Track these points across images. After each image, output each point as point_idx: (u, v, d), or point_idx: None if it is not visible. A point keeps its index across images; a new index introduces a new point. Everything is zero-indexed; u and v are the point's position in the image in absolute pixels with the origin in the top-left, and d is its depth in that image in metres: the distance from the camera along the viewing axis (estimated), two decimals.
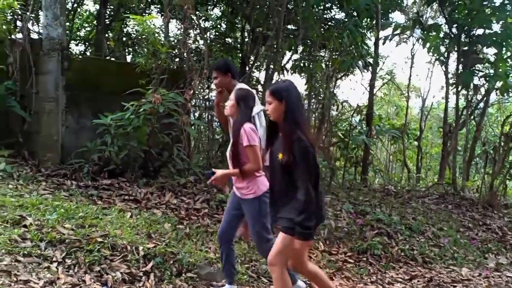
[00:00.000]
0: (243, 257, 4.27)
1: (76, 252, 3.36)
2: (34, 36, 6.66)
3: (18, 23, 6.21)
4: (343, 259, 5.02)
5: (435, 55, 10.85)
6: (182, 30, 6.59)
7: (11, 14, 5.82)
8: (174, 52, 7.39)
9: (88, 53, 12.30)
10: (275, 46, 7.94)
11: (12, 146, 5.49)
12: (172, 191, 5.37)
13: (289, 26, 8.93)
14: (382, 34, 9.82)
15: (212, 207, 5.22)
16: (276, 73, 8.58)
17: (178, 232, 4.25)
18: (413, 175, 11.78)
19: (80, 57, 6.97)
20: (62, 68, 5.56)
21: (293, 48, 9.18)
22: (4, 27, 5.46)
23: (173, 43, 8.67)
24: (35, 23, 7.88)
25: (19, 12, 5.85)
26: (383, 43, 9.75)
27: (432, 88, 50.86)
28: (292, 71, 9.54)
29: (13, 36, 5.65)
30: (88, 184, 5.08)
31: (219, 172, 3.31)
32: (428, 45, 9.96)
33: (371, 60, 9.51)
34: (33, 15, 7.20)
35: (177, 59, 7.63)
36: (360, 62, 8.96)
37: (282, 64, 9.14)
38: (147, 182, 5.46)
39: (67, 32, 9.59)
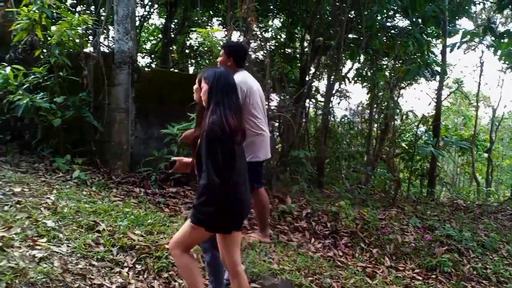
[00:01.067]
0: (306, 269, 4.21)
1: (146, 258, 3.47)
2: (105, 49, 7.06)
3: (91, 37, 6.60)
4: (410, 275, 4.81)
5: (507, 62, 10.28)
6: (244, 41, 6.68)
7: (86, 29, 6.16)
8: None
9: (153, 65, 12.82)
10: (335, 55, 7.86)
11: (86, 154, 5.80)
12: None
13: (350, 35, 8.82)
14: (449, 41, 9.44)
15: (274, 217, 5.20)
16: (337, 83, 8.49)
17: (241, 242, 4.26)
18: (482, 188, 11.17)
19: (148, 69, 7.25)
20: (132, 80, 5.81)
21: (355, 57, 9.05)
22: (79, 41, 5.81)
23: None
24: (106, 37, 8.31)
25: (93, 27, 6.20)
26: (451, 51, 9.36)
27: (504, 97, 48.19)
28: (354, 81, 9.41)
29: (87, 50, 5.99)
30: (155, 192, 5.25)
31: (182, 159, 3.23)
32: (499, 52, 9.44)
33: (438, 69, 9.15)
34: (104, 30, 7.62)
35: None
36: (426, 71, 8.64)
37: (343, 74, 9.03)
38: None
39: None
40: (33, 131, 5.88)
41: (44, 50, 5.77)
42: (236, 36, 8.03)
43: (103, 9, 7.99)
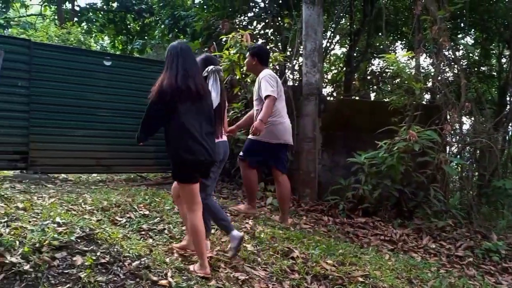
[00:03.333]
0: None
1: None
2: (291, 82, 7.46)
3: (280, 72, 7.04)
4: None
5: None
6: (435, 63, 6.31)
7: (277, 65, 6.61)
8: (426, 87, 7.13)
9: (335, 94, 13.05)
10: None
11: None
12: (429, 234, 5.05)
13: None
14: None
15: (477, 256, 4.65)
16: None
17: (442, 281, 3.91)
18: None
19: (334, 99, 7.38)
20: (319, 111, 5.98)
21: None
22: None
23: (422, 77, 8.44)
24: (293, 71, 8.78)
25: (282, 63, 6.63)
26: None
27: None
28: None
29: None
30: (343, 221, 5.23)
31: None
32: None
33: None
34: (289, 64, 8.07)
35: (428, 94, 7.36)
36: None
37: None
38: (401, 223, 5.29)
39: None
40: (232, 161, 6.49)
41: (242, 87, 6.37)
42: (423, 58, 7.67)
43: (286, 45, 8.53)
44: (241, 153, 4.94)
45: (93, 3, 18.93)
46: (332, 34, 11.50)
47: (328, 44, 11.50)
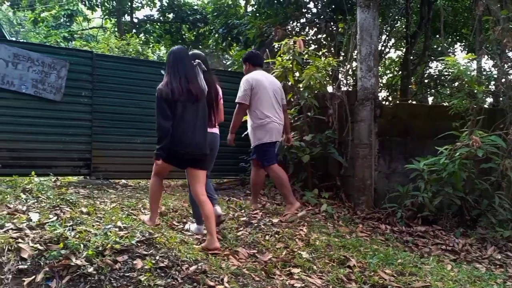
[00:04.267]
0: None
1: None
2: (345, 87, 7.35)
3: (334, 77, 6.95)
4: None
5: None
6: (499, 65, 5.98)
7: (331, 70, 6.54)
8: (489, 90, 6.78)
9: (390, 98, 12.72)
10: None
11: (331, 189, 6.06)
12: (494, 244, 4.77)
13: None
14: None
15: None
16: None
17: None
18: None
19: (390, 103, 7.19)
20: (374, 116, 5.84)
21: None
22: (325, 83, 6.20)
23: (485, 79, 8.04)
24: (348, 76, 8.65)
25: (336, 68, 6.55)
26: None
27: None
28: None
29: (331, 90, 6.34)
30: (402, 230, 5.06)
31: None
32: None
33: None
34: (343, 69, 7.96)
35: (491, 98, 7.00)
36: None
37: None
38: (464, 232, 5.05)
39: None
40: (286, 167, 6.48)
41: (295, 93, 6.35)
42: (484, 59, 7.30)
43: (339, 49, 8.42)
44: (261, 164, 5.14)
45: (150, 15, 19.69)
46: (387, 38, 11.23)
47: (383, 48, 11.24)
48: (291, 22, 9.89)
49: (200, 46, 17.96)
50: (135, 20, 19.57)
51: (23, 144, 5.91)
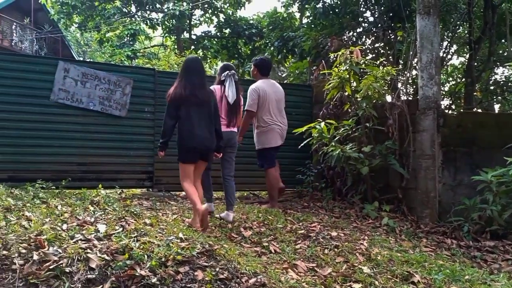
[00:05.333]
0: None
1: None
2: (404, 96, 7.13)
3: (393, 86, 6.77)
4: None
5: None
6: None
7: (389, 79, 6.39)
8: None
9: (454, 107, 12.20)
10: None
11: (392, 201, 5.87)
12: None
13: None
14: None
15: None
16: None
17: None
18: None
19: (454, 112, 6.89)
20: (437, 125, 5.62)
21: None
22: (383, 92, 6.06)
23: None
24: (408, 84, 8.40)
25: (395, 77, 6.38)
26: None
27: None
28: None
29: (391, 99, 6.17)
30: (469, 244, 4.80)
31: None
32: None
33: None
34: (402, 77, 7.74)
35: None
36: None
37: None
38: None
39: None
40: (344, 179, 6.38)
41: (352, 104, 6.26)
42: None
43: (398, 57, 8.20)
44: (259, 164, 5.85)
45: (208, 31, 20.24)
46: (449, 44, 10.81)
47: (444, 55, 10.84)
48: (347, 32, 9.80)
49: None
50: (194, 37, 20.20)
51: (91, 158, 6.23)
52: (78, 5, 18.01)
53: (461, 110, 10.05)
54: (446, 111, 9.14)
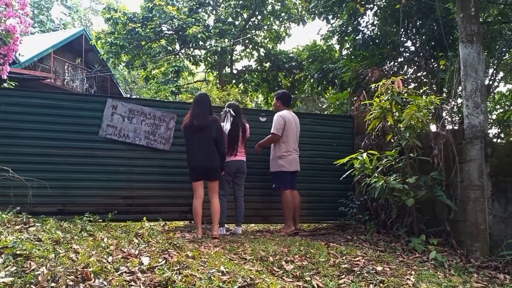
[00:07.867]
0: None
1: None
2: (450, 125, 6.94)
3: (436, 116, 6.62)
4: None
5: None
6: None
7: (433, 108, 6.26)
8: None
9: (502, 135, 11.73)
10: None
11: (440, 235, 5.65)
12: None
13: None
14: None
15: None
16: None
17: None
18: None
19: (503, 141, 6.63)
20: (485, 155, 5.42)
21: None
22: (427, 122, 5.93)
23: None
24: (452, 113, 8.19)
25: (439, 106, 6.25)
26: None
27: None
28: None
29: (435, 129, 6.03)
30: None
31: None
32: None
33: None
34: (447, 106, 7.55)
35: None
36: None
37: None
38: None
39: None
40: (388, 211, 6.21)
41: (395, 134, 6.16)
42: None
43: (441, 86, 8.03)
44: (274, 186, 6.48)
45: (249, 65, 20.70)
46: (494, 71, 10.51)
47: (490, 82, 10.52)
48: (388, 62, 9.74)
49: (296, 92, 18.32)
50: (235, 71, 20.68)
51: (136, 191, 6.41)
52: (126, 45, 18.93)
53: (511, 139, 9.64)
54: (495, 140, 8.81)
